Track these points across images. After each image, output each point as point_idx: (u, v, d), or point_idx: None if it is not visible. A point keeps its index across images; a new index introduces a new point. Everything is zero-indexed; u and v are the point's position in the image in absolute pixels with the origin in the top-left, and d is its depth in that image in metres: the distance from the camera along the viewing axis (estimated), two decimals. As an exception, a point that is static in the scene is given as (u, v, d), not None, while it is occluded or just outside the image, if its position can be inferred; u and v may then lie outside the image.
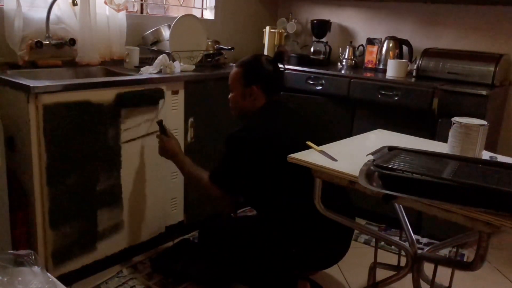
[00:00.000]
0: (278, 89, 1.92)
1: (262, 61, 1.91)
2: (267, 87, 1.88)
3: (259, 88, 1.87)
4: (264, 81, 1.87)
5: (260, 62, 1.91)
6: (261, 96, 1.88)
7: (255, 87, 1.86)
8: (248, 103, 1.89)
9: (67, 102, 1.78)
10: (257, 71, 1.89)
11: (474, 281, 2.17)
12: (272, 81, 1.90)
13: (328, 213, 1.58)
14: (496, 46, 2.75)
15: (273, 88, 1.90)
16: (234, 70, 1.94)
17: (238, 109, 1.94)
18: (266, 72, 1.89)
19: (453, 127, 1.60)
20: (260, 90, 1.87)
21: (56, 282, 0.97)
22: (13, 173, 1.81)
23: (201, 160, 2.44)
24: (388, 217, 2.56)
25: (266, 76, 1.88)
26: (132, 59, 2.37)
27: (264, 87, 1.87)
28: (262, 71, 1.89)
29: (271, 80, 1.89)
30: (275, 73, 1.92)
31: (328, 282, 2.09)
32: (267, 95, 1.88)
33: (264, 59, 1.92)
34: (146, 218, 2.21)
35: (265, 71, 1.89)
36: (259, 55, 1.97)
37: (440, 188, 1.21)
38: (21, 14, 2.05)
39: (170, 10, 3.11)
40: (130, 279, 2.04)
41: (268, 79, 1.88)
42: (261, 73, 1.89)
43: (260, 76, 1.88)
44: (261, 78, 1.87)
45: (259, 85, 1.86)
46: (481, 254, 1.30)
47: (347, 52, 3.15)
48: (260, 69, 1.89)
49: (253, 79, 1.87)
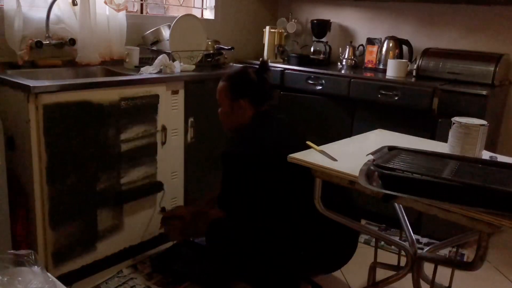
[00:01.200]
0: (266, 99, 1.92)
1: (248, 73, 1.92)
2: (255, 99, 1.89)
3: (247, 101, 1.87)
4: (251, 93, 1.88)
5: (246, 74, 1.91)
6: (250, 109, 1.89)
7: (243, 100, 1.87)
8: (238, 116, 1.90)
9: (67, 102, 1.78)
10: (243, 85, 1.90)
11: (474, 281, 2.17)
12: (259, 92, 1.91)
13: (328, 213, 1.58)
14: (496, 46, 2.75)
15: (261, 99, 1.91)
16: (220, 84, 1.94)
17: (228, 123, 1.95)
18: (252, 84, 1.90)
19: (453, 127, 1.60)
20: (248, 103, 1.88)
21: (56, 282, 0.97)
22: (13, 173, 1.81)
23: (201, 160, 2.44)
24: (388, 217, 2.56)
25: (253, 88, 1.89)
26: (132, 59, 2.37)
27: (252, 99, 1.88)
28: (248, 84, 1.90)
29: (258, 91, 1.90)
30: (261, 84, 1.92)
31: (328, 282, 2.09)
32: (256, 106, 1.90)
33: (249, 71, 1.93)
34: (146, 218, 2.21)
35: (252, 83, 1.90)
36: (245, 67, 1.97)
37: (440, 188, 1.21)
38: (21, 14, 2.05)
39: (170, 10, 3.11)
40: (130, 279, 2.04)
41: (255, 91, 1.89)
42: (248, 86, 1.89)
43: (247, 89, 1.88)
44: (248, 91, 1.88)
45: (246, 98, 1.87)
46: (481, 254, 1.30)
47: (347, 52, 3.15)
48: (247, 82, 1.90)
49: (240, 93, 1.88)
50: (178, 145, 2.32)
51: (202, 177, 2.47)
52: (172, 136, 2.26)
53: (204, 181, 2.47)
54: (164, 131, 2.20)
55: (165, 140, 2.22)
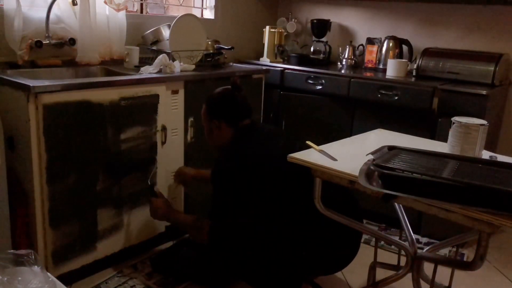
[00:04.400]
0: (243, 116, 1.96)
1: (221, 95, 1.97)
2: (227, 118, 1.94)
3: (222, 121, 1.93)
4: (223, 114, 1.94)
5: (219, 96, 1.97)
6: (226, 128, 1.94)
7: (217, 121, 1.93)
8: (217, 136, 1.96)
9: (67, 102, 1.78)
10: (216, 106, 1.96)
11: (474, 281, 2.17)
12: (231, 112, 1.95)
13: (328, 213, 1.58)
14: (496, 46, 2.75)
15: (235, 118, 1.95)
16: (203, 106, 2.02)
17: (212, 143, 2.02)
18: (223, 105, 1.96)
19: (453, 126, 1.60)
20: (222, 122, 1.93)
21: (56, 282, 0.98)
22: (13, 173, 1.81)
23: (201, 160, 2.44)
24: (388, 217, 2.56)
25: (224, 109, 1.95)
26: (132, 58, 2.37)
27: (227, 119, 1.93)
28: (220, 105, 1.96)
29: (230, 111, 1.95)
30: (234, 103, 1.96)
31: (328, 281, 2.09)
32: (232, 125, 1.94)
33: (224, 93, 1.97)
34: (146, 217, 2.21)
35: (223, 104, 1.96)
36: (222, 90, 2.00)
37: (440, 187, 1.21)
38: (21, 14, 2.05)
39: (170, 9, 3.11)
40: (130, 278, 2.04)
41: (226, 111, 1.94)
42: (220, 107, 1.96)
43: (219, 110, 1.95)
44: (220, 112, 1.94)
45: (222, 119, 1.93)
46: (481, 253, 1.30)
47: (347, 51, 3.15)
48: (218, 103, 1.96)
49: (214, 114, 1.95)
50: (178, 145, 2.32)
51: (202, 177, 2.47)
52: (172, 136, 2.26)
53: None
54: (164, 131, 2.20)
55: (165, 140, 2.22)
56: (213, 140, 2.00)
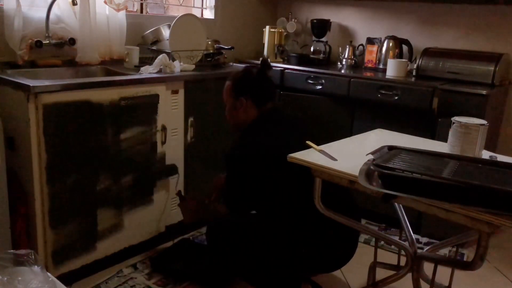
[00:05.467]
0: (269, 97, 1.95)
1: (250, 72, 1.95)
2: (255, 97, 1.91)
3: (248, 98, 1.90)
4: (252, 91, 1.91)
5: (247, 73, 1.95)
6: (252, 107, 1.91)
7: (244, 98, 1.90)
8: (240, 114, 1.92)
9: (67, 102, 1.78)
10: (244, 83, 1.93)
11: (474, 281, 2.17)
12: (260, 90, 1.93)
13: (328, 213, 1.58)
14: (496, 45, 2.75)
15: (262, 97, 1.93)
16: (226, 83, 1.98)
17: (233, 122, 1.98)
18: (253, 82, 1.93)
19: (453, 126, 1.60)
20: (249, 101, 1.90)
21: (56, 282, 0.97)
22: (13, 173, 1.82)
23: (201, 160, 2.44)
24: (388, 217, 2.56)
25: (253, 86, 1.92)
26: (132, 58, 2.37)
27: (253, 97, 1.90)
28: (249, 82, 1.93)
29: (258, 90, 1.92)
30: (263, 82, 1.94)
31: (328, 281, 2.09)
32: (258, 105, 1.91)
33: (251, 70, 1.96)
34: (146, 217, 2.21)
35: (252, 82, 1.93)
36: (248, 67, 2.00)
37: (440, 187, 1.21)
38: (21, 14, 2.05)
39: (170, 9, 3.11)
40: (130, 278, 2.04)
41: (255, 89, 1.92)
42: (249, 84, 1.92)
43: (248, 87, 1.91)
44: (249, 89, 1.91)
45: (247, 96, 1.90)
46: (481, 253, 1.30)
47: (347, 51, 3.15)
48: (248, 80, 1.93)
49: (242, 91, 1.90)
50: (178, 145, 2.32)
51: (202, 177, 2.47)
52: (172, 136, 2.26)
53: (204, 181, 2.46)
54: (164, 130, 2.20)
55: (165, 139, 2.22)
56: (234, 119, 1.95)
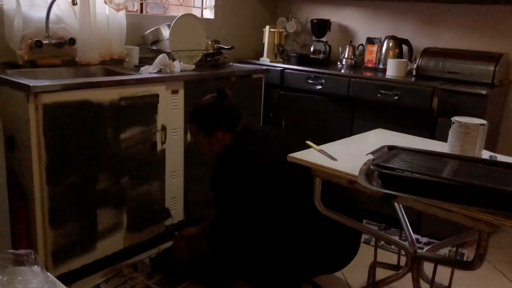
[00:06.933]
0: (238, 118, 1.91)
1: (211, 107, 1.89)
2: (227, 125, 1.88)
3: (221, 131, 1.86)
4: (222, 123, 1.87)
5: (209, 109, 1.89)
6: (226, 135, 1.87)
7: (217, 133, 1.86)
8: (219, 147, 1.88)
9: (67, 102, 1.78)
10: (211, 120, 1.88)
11: (474, 281, 2.17)
12: (229, 118, 1.89)
13: (328, 213, 1.58)
14: (496, 45, 2.75)
15: (234, 122, 1.89)
16: (190, 126, 1.97)
17: (212, 155, 1.93)
18: (219, 115, 1.88)
19: (453, 126, 1.60)
20: (222, 132, 1.86)
21: (56, 282, 0.97)
22: (13, 173, 1.81)
23: (201, 160, 2.44)
24: (388, 217, 2.56)
25: (221, 118, 1.88)
26: (132, 58, 2.37)
27: (225, 127, 1.87)
28: (215, 116, 1.88)
29: (227, 118, 1.89)
30: (226, 109, 1.89)
31: (328, 281, 2.09)
32: (231, 129, 1.88)
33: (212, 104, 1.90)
34: (146, 217, 2.21)
35: (218, 115, 1.88)
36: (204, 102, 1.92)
37: (440, 187, 1.21)
38: (21, 14, 2.05)
39: (170, 9, 3.11)
40: (130, 278, 2.04)
41: (224, 119, 1.88)
42: (216, 119, 1.88)
43: (216, 122, 1.87)
44: (218, 123, 1.87)
45: (221, 130, 1.86)
46: (481, 253, 1.30)
47: (347, 51, 3.15)
48: (213, 115, 1.88)
49: (212, 127, 1.87)
50: (178, 144, 2.32)
51: (202, 177, 2.47)
52: (172, 136, 2.26)
53: (204, 181, 2.46)
54: (164, 130, 2.20)
55: (165, 139, 2.22)
56: (214, 153, 1.91)
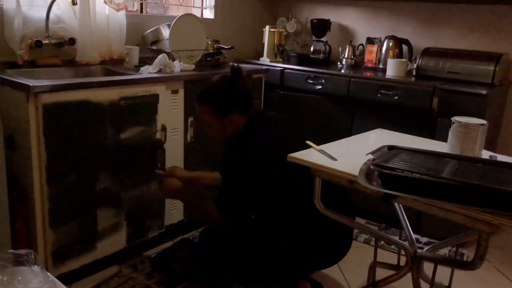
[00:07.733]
0: (251, 102, 1.86)
1: (226, 86, 1.82)
2: (241, 108, 1.81)
3: (236, 113, 1.80)
4: (237, 105, 1.80)
5: (224, 89, 1.82)
6: (240, 117, 1.81)
7: (232, 114, 1.79)
8: (232, 129, 1.81)
9: (66, 102, 1.78)
10: (226, 100, 1.80)
11: (474, 281, 2.17)
12: (243, 99, 1.83)
13: (328, 213, 1.58)
14: (496, 45, 2.74)
15: (247, 104, 1.84)
16: (201, 107, 1.84)
17: (224, 138, 1.87)
18: (235, 96, 1.81)
19: (453, 126, 1.60)
20: (238, 114, 1.80)
21: (56, 282, 0.97)
22: (13, 173, 1.81)
23: (201, 160, 2.44)
24: (388, 217, 2.56)
25: (236, 99, 1.81)
26: (132, 58, 2.37)
27: (239, 109, 1.81)
28: (231, 97, 1.80)
29: (242, 99, 1.83)
30: (241, 90, 1.83)
31: (328, 281, 2.09)
32: (245, 112, 1.83)
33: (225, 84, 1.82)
34: (146, 217, 2.21)
35: (234, 95, 1.81)
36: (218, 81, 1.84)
37: (440, 187, 1.21)
38: (21, 14, 2.05)
39: (170, 9, 3.11)
40: (130, 278, 2.04)
41: (239, 101, 1.82)
42: (231, 99, 1.80)
43: (232, 103, 1.80)
44: (233, 105, 1.80)
45: (235, 111, 1.79)
46: (481, 253, 1.30)
47: (347, 51, 3.15)
48: (228, 96, 1.80)
49: (226, 109, 1.79)
50: (178, 144, 2.32)
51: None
52: (172, 136, 2.26)
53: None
54: (164, 130, 2.20)
55: (165, 139, 2.21)
56: (226, 135, 1.84)
